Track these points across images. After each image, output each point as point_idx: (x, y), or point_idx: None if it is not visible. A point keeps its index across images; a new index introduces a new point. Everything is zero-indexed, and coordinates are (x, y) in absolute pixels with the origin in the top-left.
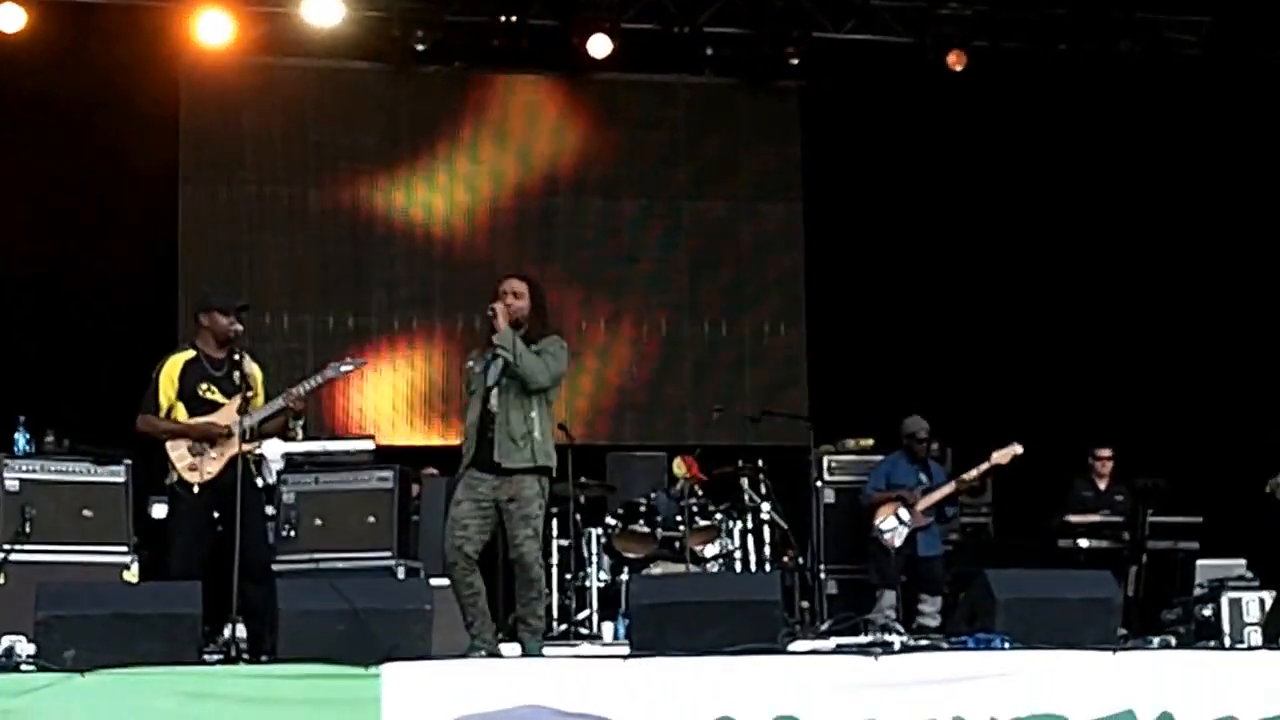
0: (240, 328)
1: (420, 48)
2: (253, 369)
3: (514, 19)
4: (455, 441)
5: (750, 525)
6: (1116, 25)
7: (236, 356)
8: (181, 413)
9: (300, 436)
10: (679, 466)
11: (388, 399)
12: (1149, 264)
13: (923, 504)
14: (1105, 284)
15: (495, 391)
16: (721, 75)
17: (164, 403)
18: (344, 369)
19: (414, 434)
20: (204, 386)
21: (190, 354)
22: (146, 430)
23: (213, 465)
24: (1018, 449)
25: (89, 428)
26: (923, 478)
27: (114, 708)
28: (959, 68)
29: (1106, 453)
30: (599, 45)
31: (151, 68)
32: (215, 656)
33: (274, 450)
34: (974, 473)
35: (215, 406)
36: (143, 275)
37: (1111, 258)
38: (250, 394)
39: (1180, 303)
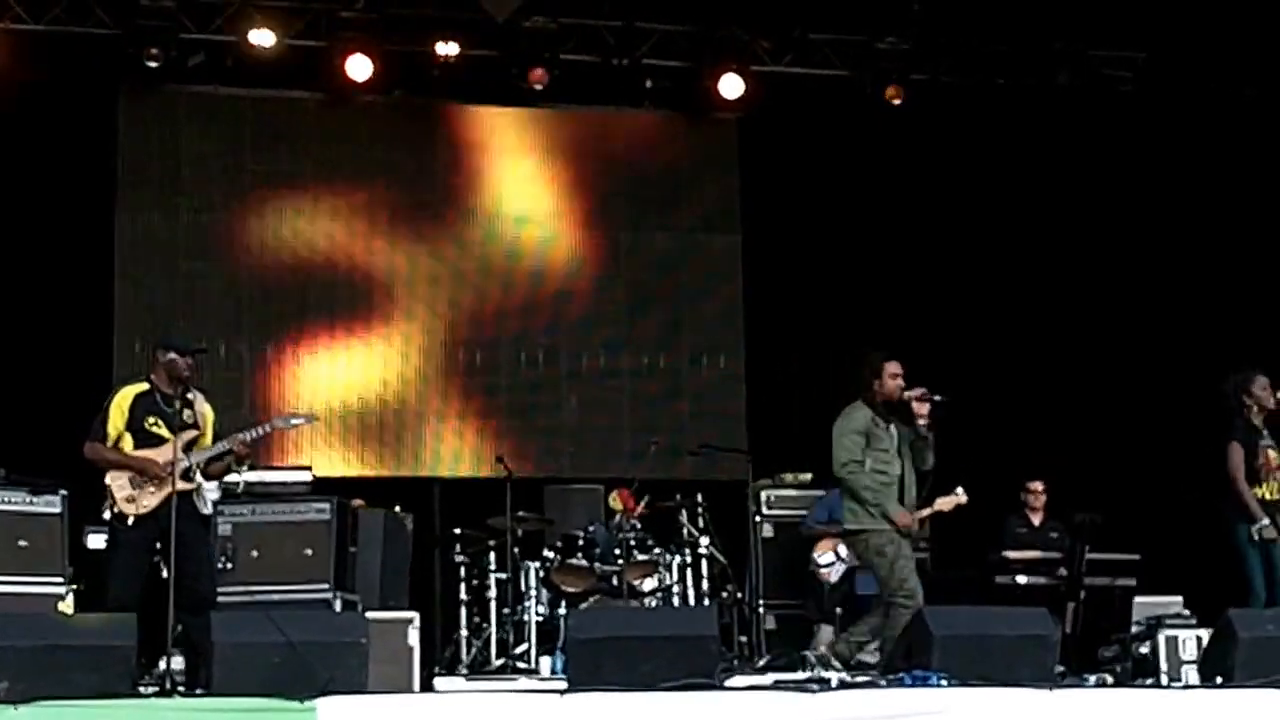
0: (192, 370)
1: (359, 77)
2: (205, 409)
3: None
4: (393, 473)
5: (689, 559)
6: (1054, 60)
7: (190, 395)
8: (128, 443)
9: (241, 475)
10: (614, 500)
11: (326, 430)
12: (1086, 297)
13: None
14: (1041, 317)
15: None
16: (660, 107)
17: (112, 432)
18: (294, 422)
19: (353, 466)
20: (151, 420)
21: (144, 387)
22: (92, 457)
23: (150, 499)
24: (962, 498)
25: (23, 457)
26: None
27: None
28: (897, 102)
29: (1039, 486)
30: (538, 77)
31: (90, 94)
32: (150, 689)
33: (209, 481)
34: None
35: (160, 441)
36: (78, 302)
37: (1049, 291)
38: (197, 433)
39: (1117, 337)
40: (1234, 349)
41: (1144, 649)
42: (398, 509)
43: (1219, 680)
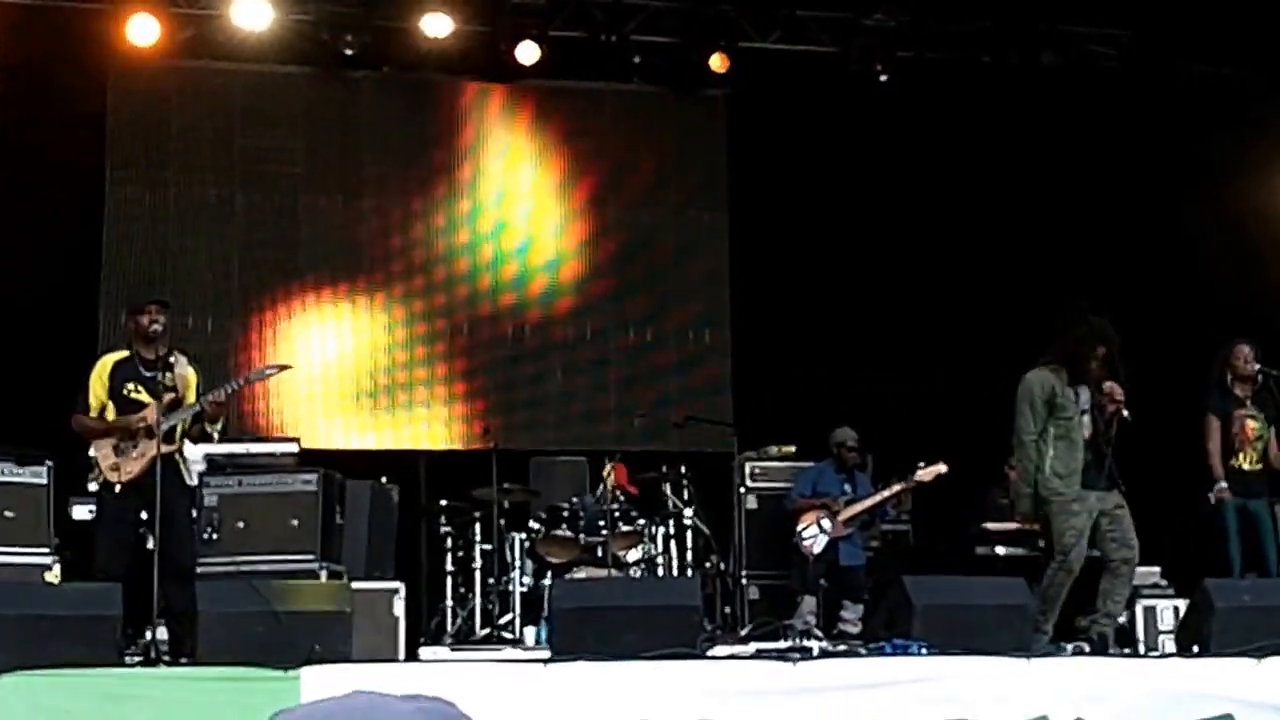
0: (159, 325)
1: (348, 52)
2: (186, 371)
3: None
4: (379, 445)
5: (673, 530)
6: (1039, 38)
7: (171, 359)
8: (111, 412)
9: (216, 439)
10: (608, 473)
11: (313, 403)
12: (1070, 271)
13: (845, 514)
14: (1027, 293)
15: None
16: (649, 83)
17: (94, 402)
18: (267, 372)
19: (340, 438)
20: (130, 386)
21: (123, 354)
22: (78, 429)
23: (134, 465)
24: (942, 468)
25: (10, 428)
26: (848, 488)
27: (33, 709)
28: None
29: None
30: (527, 52)
31: (80, 68)
32: (135, 658)
33: (194, 451)
34: (898, 488)
35: (141, 407)
36: (67, 276)
37: (1033, 266)
38: (177, 395)
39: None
40: (1218, 323)
41: (1122, 619)
42: (384, 480)
43: (1195, 649)
